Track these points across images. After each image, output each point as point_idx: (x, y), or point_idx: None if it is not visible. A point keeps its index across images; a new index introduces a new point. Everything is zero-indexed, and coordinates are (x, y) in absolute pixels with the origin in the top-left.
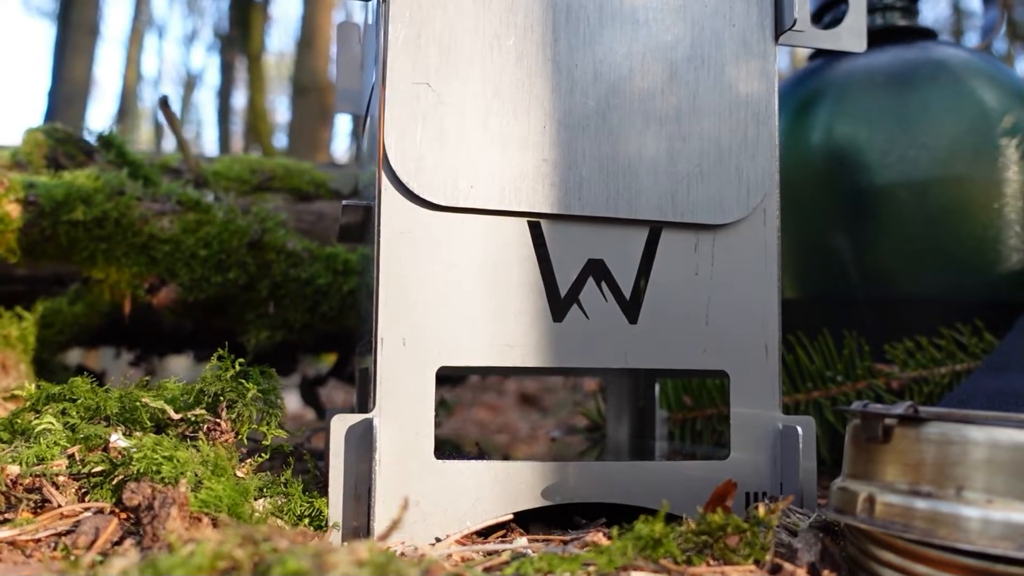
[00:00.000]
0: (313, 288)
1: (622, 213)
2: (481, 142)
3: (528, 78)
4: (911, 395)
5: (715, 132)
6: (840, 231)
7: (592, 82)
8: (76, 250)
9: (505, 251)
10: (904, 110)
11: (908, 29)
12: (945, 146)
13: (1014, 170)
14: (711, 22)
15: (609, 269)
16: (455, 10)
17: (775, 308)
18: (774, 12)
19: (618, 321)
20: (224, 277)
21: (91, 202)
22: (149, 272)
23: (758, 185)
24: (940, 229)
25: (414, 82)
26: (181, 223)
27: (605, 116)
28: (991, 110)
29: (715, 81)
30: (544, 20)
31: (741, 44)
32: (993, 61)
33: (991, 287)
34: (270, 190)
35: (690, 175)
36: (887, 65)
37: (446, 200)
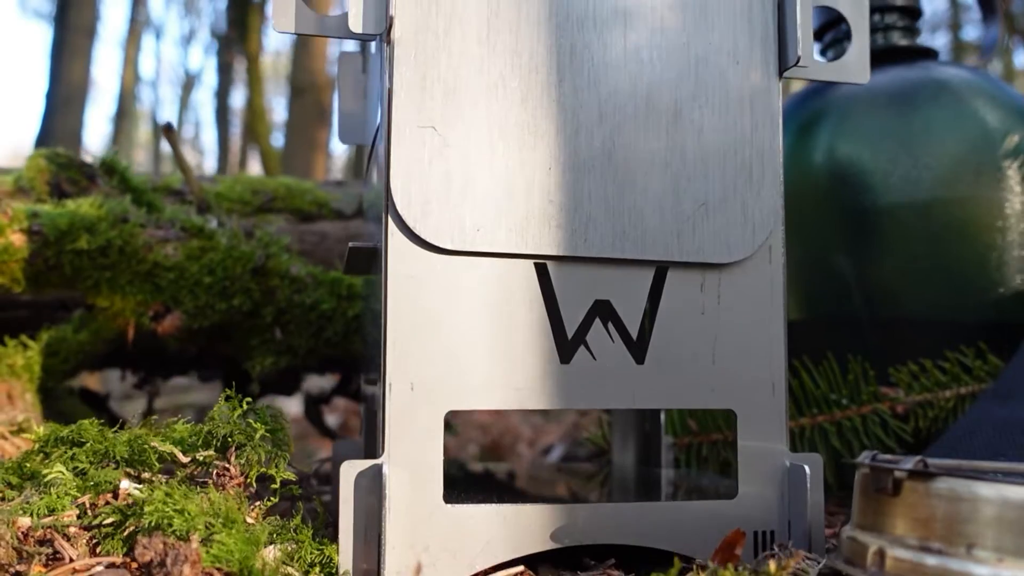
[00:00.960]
0: (317, 313)
1: (628, 254)
2: (487, 185)
3: (533, 120)
4: (916, 420)
5: (720, 170)
6: (843, 251)
7: (597, 122)
8: (80, 279)
9: (512, 293)
10: (906, 130)
11: (909, 49)
12: (947, 166)
13: (1017, 190)
14: (715, 60)
15: (616, 309)
16: (460, 52)
17: (782, 346)
18: (778, 49)
19: (625, 361)
20: (228, 304)
21: (95, 231)
22: (154, 299)
23: (763, 223)
24: (943, 249)
25: (419, 125)
26: (185, 250)
27: (611, 156)
28: (993, 130)
29: (719, 119)
30: (549, 61)
31: (745, 81)
32: (994, 81)
33: (995, 308)
34: (272, 211)
35: (695, 214)
36: (888, 85)
37: (453, 244)
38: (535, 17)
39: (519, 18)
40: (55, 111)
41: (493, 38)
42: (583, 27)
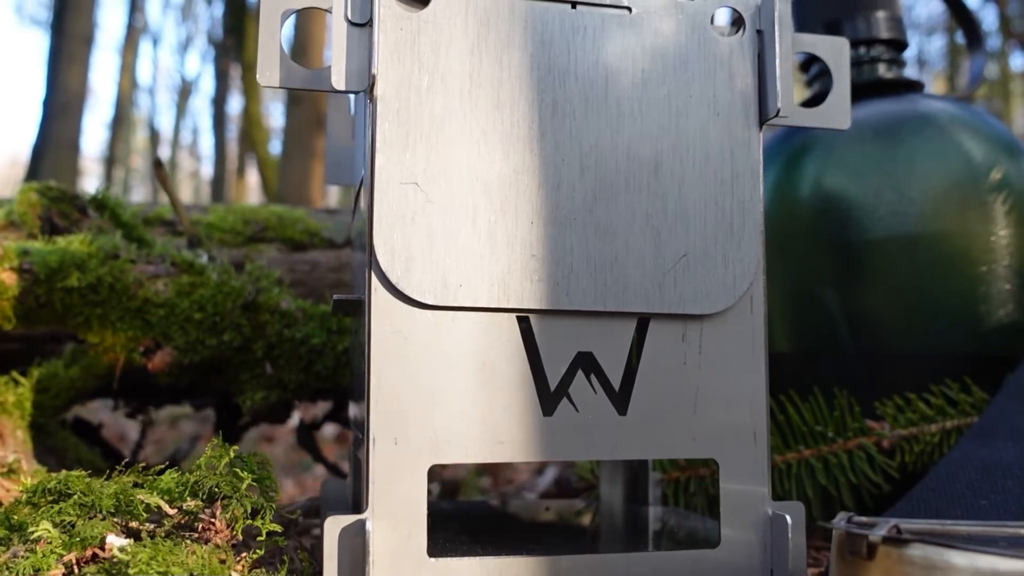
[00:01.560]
0: (308, 348)
1: (610, 306)
2: (470, 240)
3: (515, 174)
4: (902, 455)
5: (701, 222)
6: (830, 284)
7: (579, 176)
8: (71, 315)
9: (495, 347)
10: (891, 164)
11: (894, 82)
12: (933, 201)
13: (1002, 224)
14: (696, 112)
15: (598, 361)
16: (442, 108)
17: (763, 395)
18: (758, 100)
19: (608, 413)
20: (219, 339)
21: (85, 268)
22: (144, 336)
23: (744, 274)
24: (929, 283)
25: (402, 182)
26: (175, 286)
27: (592, 210)
28: (978, 164)
29: (700, 171)
30: (530, 116)
31: (726, 133)
32: (979, 114)
33: (981, 341)
34: (264, 241)
35: (677, 266)
36: (873, 119)
37: (436, 300)
38: (517, 72)
39: (501, 74)
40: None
41: (475, 93)
42: (565, 82)
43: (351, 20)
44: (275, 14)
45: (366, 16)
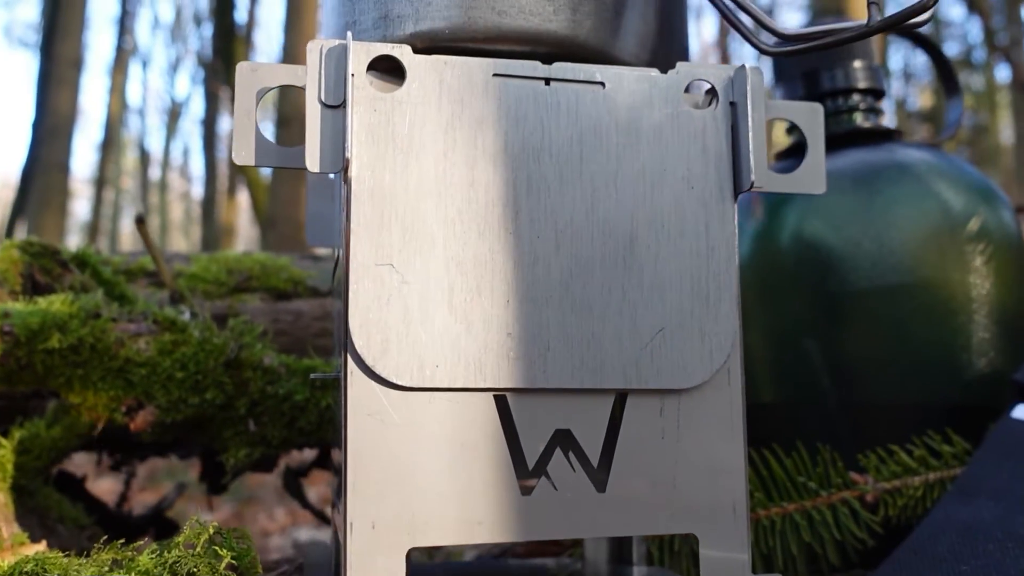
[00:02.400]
0: (291, 404)
1: (587, 384)
2: (446, 320)
3: (491, 253)
4: (886, 508)
5: (677, 296)
6: (811, 335)
7: (554, 253)
8: (52, 376)
9: (472, 427)
10: (870, 214)
11: (872, 131)
12: (912, 251)
13: (981, 273)
14: (671, 186)
15: (576, 438)
16: (416, 188)
17: (742, 466)
18: (732, 173)
19: (586, 490)
20: (201, 398)
21: (66, 329)
22: (126, 395)
23: (721, 346)
24: (910, 334)
25: (377, 263)
26: (157, 344)
27: (568, 286)
28: (956, 214)
29: (675, 245)
30: (505, 193)
31: (701, 206)
32: (955, 162)
33: (962, 391)
34: (248, 291)
35: (654, 341)
36: (851, 169)
37: (412, 382)
38: (491, 151)
39: (475, 152)
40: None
41: (450, 172)
42: (539, 158)
43: (325, 102)
44: (250, 93)
45: (339, 98)
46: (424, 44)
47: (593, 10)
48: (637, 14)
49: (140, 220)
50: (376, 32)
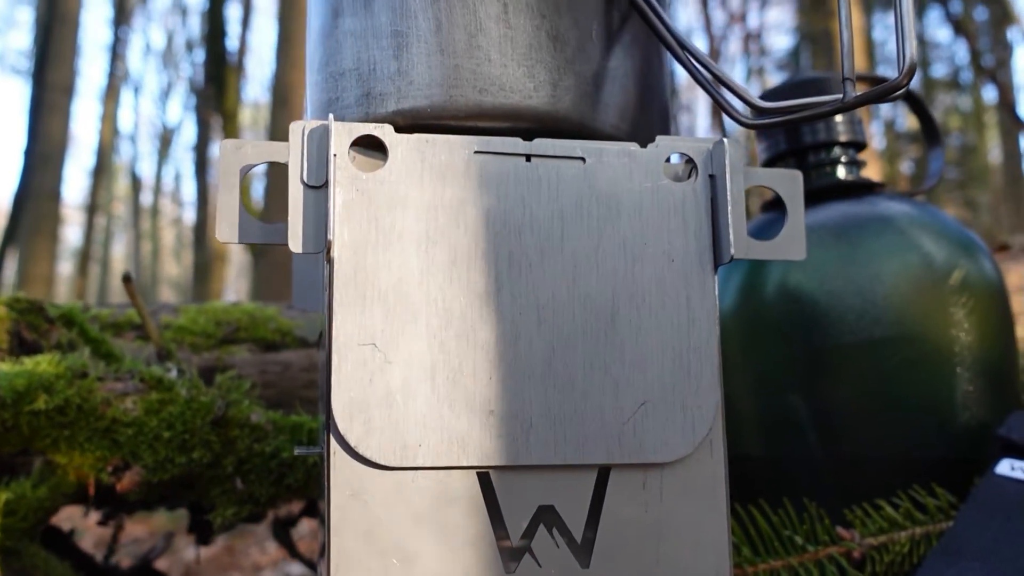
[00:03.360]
0: (278, 461)
1: (571, 459)
2: (428, 399)
3: (472, 330)
4: (872, 565)
5: (659, 370)
6: (797, 388)
7: (536, 328)
8: (38, 437)
9: (455, 505)
10: (852, 268)
11: (854, 184)
12: (895, 305)
13: (964, 326)
14: (651, 259)
15: (559, 514)
16: (399, 268)
17: (725, 539)
18: (712, 245)
19: (570, 566)
20: (188, 457)
21: (53, 390)
22: (112, 455)
23: (703, 419)
24: (895, 387)
25: (360, 343)
26: (144, 404)
27: (550, 362)
28: (939, 267)
29: (656, 319)
30: (487, 270)
31: (681, 279)
32: (937, 214)
33: (948, 444)
34: (236, 342)
35: (636, 415)
36: (834, 223)
37: (396, 462)
38: (473, 228)
39: (457, 230)
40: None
41: (432, 251)
42: (521, 235)
43: (307, 183)
44: (234, 171)
45: (322, 179)
46: (406, 122)
47: (573, 84)
48: (618, 86)
49: (127, 279)
50: (359, 109)
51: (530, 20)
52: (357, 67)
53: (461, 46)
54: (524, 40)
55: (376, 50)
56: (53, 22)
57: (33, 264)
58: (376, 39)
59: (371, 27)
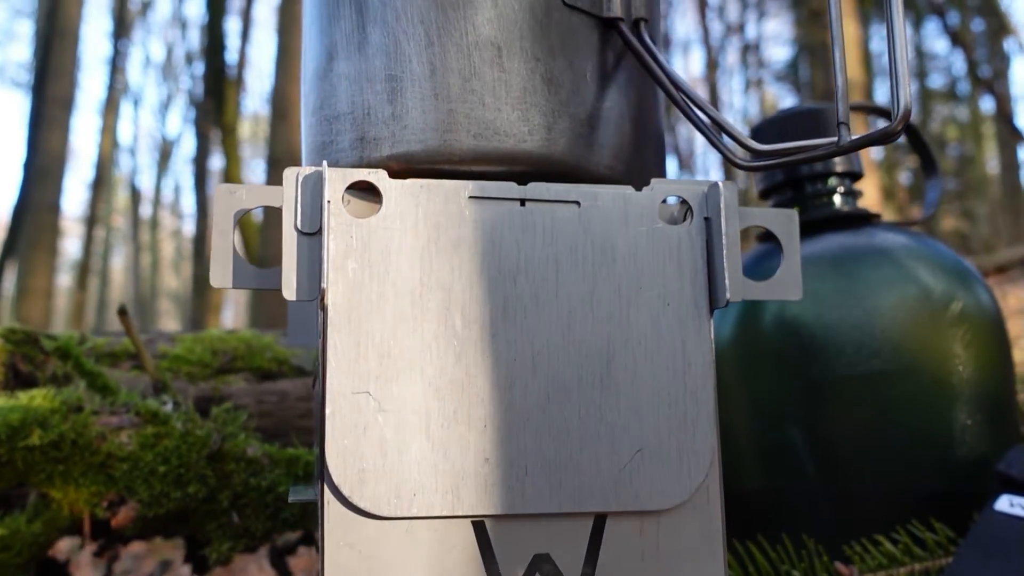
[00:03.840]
0: (274, 495)
1: (566, 508)
2: (423, 448)
3: (467, 377)
4: None
5: (654, 416)
6: (795, 420)
7: (531, 375)
8: (33, 472)
9: (450, 555)
10: (850, 300)
11: (850, 215)
12: (893, 338)
13: (962, 358)
14: (647, 304)
15: (555, 562)
16: (393, 314)
17: None
18: (707, 289)
19: None
20: (184, 492)
21: (47, 425)
22: (107, 490)
23: (699, 465)
24: (893, 421)
25: (354, 391)
26: (139, 438)
27: (545, 409)
28: (937, 300)
29: (652, 364)
30: (481, 316)
31: (677, 323)
32: (933, 245)
33: (946, 478)
34: (232, 371)
35: (632, 462)
36: (831, 255)
37: (390, 511)
38: (467, 274)
39: (452, 276)
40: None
41: (426, 297)
42: (516, 280)
43: (301, 230)
44: (228, 216)
45: (316, 225)
46: (401, 166)
47: (568, 127)
48: (612, 126)
49: (123, 312)
50: (353, 153)
51: (525, 64)
52: (352, 111)
53: (456, 90)
54: (519, 84)
55: (370, 94)
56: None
57: (32, 277)
58: (370, 83)
59: (365, 71)
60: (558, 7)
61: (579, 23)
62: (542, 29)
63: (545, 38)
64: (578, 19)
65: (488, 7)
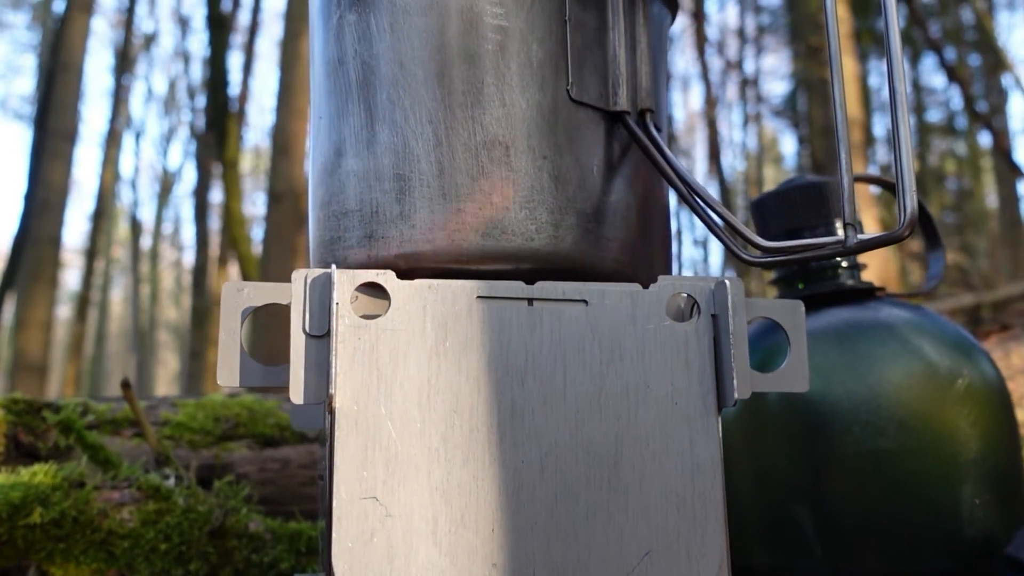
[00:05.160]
0: (276, 572)
1: None
2: (430, 554)
3: (475, 480)
4: None
5: (663, 517)
6: (801, 497)
7: (539, 477)
8: (34, 551)
9: None
10: (856, 377)
11: (855, 289)
12: (899, 417)
13: (968, 436)
14: (654, 403)
15: None
16: (400, 417)
17: None
18: (715, 387)
19: None
20: (185, 569)
21: (48, 502)
22: (109, 568)
23: (708, 568)
24: (899, 500)
25: (361, 497)
26: (141, 514)
27: (553, 512)
28: (942, 377)
29: (660, 465)
30: (489, 419)
31: (685, 423)
32: (936, 319)
33: (954, 558)
34: (234, 438)
35: (640, 565)
36: (835, 330)
37: None
38: (475, 375)
39: (459, 377)
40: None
41: (434, 399)
42: (523, 381)
43: (309, 332)
44: (235, 314)
45: (324, 328)
46: (408, 265)
47: (575, 223)
48: (619, 219)
49: (126, 385)
50: (361, 250)
51: (532, 162)
52: (360, 208)
53: (464, 190)
54: (526, 182)
55: (379, 192)
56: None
57: (31, 309)
58: (379, 181)
59: (374, 169)
60: (565, 103)
61: (586, 118)
62: (549, 126)
63: (552, 135)
64: (585, 114)
65: (496, 106)
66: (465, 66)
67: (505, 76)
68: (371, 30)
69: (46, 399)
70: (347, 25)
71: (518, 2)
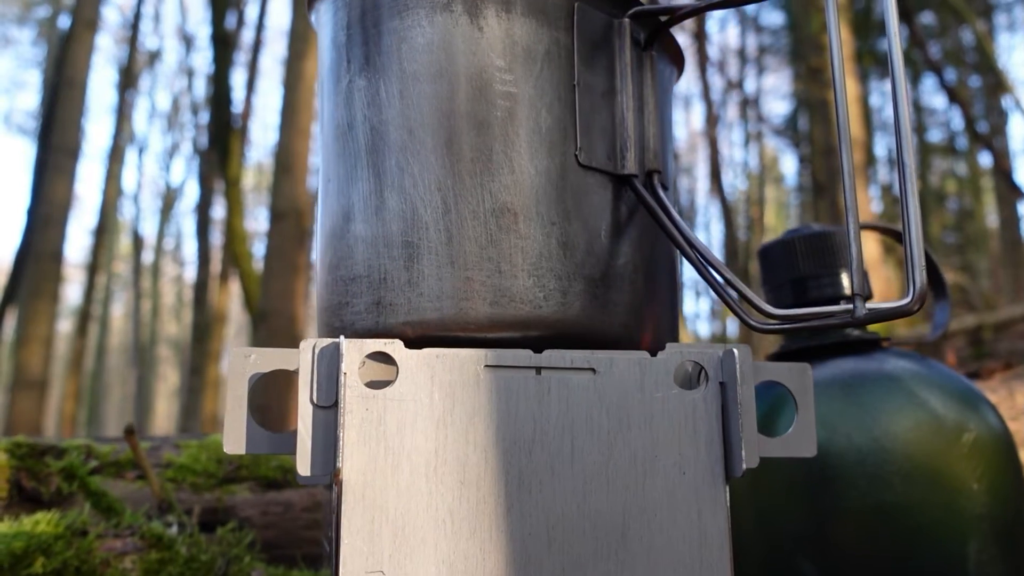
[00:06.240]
0: None
1: None
2: None
3: (482, 552)
4: None
5: None
6: (806, 550)
7: (546, 550)
8: None
9: None
10: (861, 430)
11: (860, 340)
12: (905, 471)
13: (974, 489)
14: (662, 473)
15: None
16: (407, 489)
17: None
18: (723, 456)
19: None
20: None
21: (51, 552)
22: None
23: None
24: (905, 554)
25: (368, 571)
26: (143, 564)
27: None
28: (948, 430)
29: (668, 535)
30: (496, 489)
31: (693, 493)
32: (941, 370)
33: None
34: (237, 480)
35: None
36: (840, 381)
37: None
38: (483, 446)
39: (467, 448)
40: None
41: (441, 470)
42: (531, 451)
43: (317, 403)
44: (242, 380)
45: (331, 399)
46: (416, 332)
47: (583, 289)
48: (627, 283)
49: (130, 431)
50: (369, 317)
51: (540, 229)
52: (368, 274)
53: (472, 258)
54: (534, 249)
55: (387, 259)
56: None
57: (32, 325)
58: (387, 248)
59: (382, 235)
60: (573, 169)
61: (594, 182)
62: (558, 192)
63: (561, 201)
64: (593, 178)
65: (505, 173)
66: (474, 133)
67: (514, 143)
68: (380, 96)
69: (48, 441)
70: (357, 90)
71: (527, 68)
